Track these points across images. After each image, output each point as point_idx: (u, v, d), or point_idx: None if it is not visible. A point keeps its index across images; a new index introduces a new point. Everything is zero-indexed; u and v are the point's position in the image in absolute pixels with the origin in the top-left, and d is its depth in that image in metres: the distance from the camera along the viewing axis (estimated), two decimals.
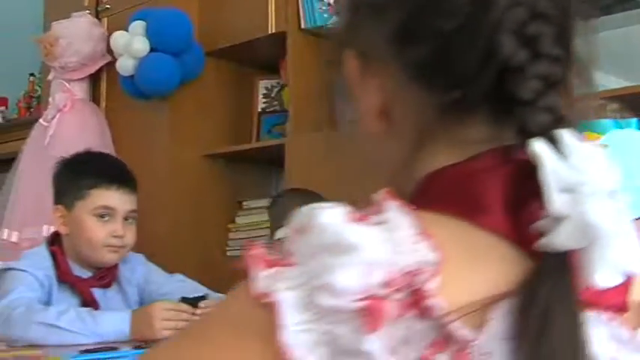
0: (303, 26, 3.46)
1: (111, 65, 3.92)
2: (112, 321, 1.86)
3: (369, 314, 0.54)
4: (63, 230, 2.19)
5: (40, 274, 2.08)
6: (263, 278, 0.58)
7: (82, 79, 3.93)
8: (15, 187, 3.91)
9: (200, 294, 2.07)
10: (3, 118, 4.91)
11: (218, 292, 2.25)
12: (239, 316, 0.59)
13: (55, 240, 2.23)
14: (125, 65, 3.47)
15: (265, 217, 3.66)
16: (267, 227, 3.64)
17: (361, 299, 0.55)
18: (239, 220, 3.78)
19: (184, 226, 3.56)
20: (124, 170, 2.25)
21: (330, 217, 0.59)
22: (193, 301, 1.94)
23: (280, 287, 0.57)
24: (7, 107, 4.96)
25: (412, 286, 0.56)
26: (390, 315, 0.55)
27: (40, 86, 4.76)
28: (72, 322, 1.84)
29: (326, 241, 0.57)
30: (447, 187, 0.64)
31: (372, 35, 0.70)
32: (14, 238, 3.81)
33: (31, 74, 4.93)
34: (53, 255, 2.17)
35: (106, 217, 2.12)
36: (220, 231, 3.76)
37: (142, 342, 1.80)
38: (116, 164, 2.28)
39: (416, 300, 0.55)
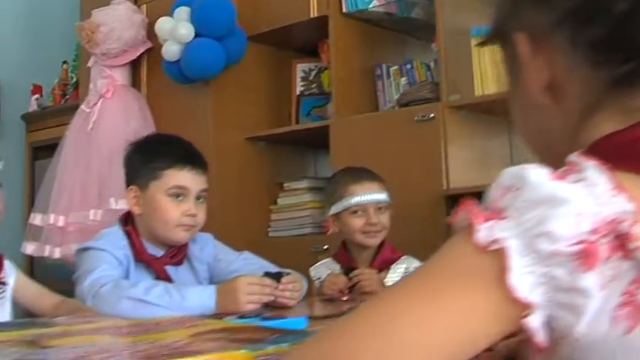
0: (344, 10, 3.52)
1: (151, 51, 4.00)
2: (198, 295, 1.93)
3: (584, 256, 0.62)
4: (136, 210, 2.24)
5: (119, 253, 2.15)
6: (484, 230, 0.65)
7: (123, 65, 4.00)
8: (59, 172, 3.98)
9: (276, 270, 2.14)
10: (38, 105, 4.98)
11: None
12: (462, 265, 0.66)
13: (127, 220, 2.30)
14: (170, 50, 3.53)
15: (306, 197, 3.74)
16: (309, 208, 3.73)
17: (575, 244, 0.62)
18: (280, 202, 3.85)
19: (228, 209, 3.63)
20: (195, 151, 2.31)
21: (539, 175, 0.66)
22: (276, 276, 2.01)
23: (505, 236, 0.64)
24: (41, 95, 5.02)
25: (616, 232, 0.63)
26: (601, 257, 0.62)
27: (74, 73, 4.83)
28: (160, 297, 1.90)
29: (541, 196, 0.65)
30: (621, 150, 0.71)
31: (539, 19, 0.77)
32: (61, 222, 3.88)
33: (64, 62, 4.99)
34: (127, 235, 2.25)
35: (180, 197, 2.19)
36: (262, 212, 3.84)
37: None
38: (187, 146, 2.33)
39: (621, 244, 0.63)
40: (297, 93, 4.03)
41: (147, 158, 2.24)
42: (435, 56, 3.46)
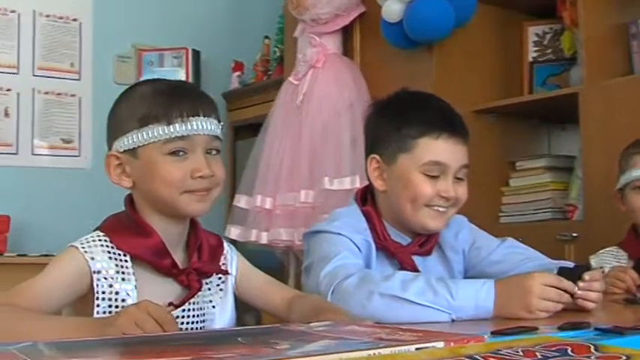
0: None
1: (364, 16, 3.62)
2: (470, 293, 1.48)
3: None
4: (379, 186, 1.82)
5: (358, 238, 1.75)
6: None
7: (333, 32, 3.64)
8: (266, 151, 3.67)
9: (570, 265, 1.67)
10: (240, 83, 4.72)
11: None
12: None
13: (365, 197, 1.90)
14: (391, 10, 3.13)
15: (545, 178, 3.25)
16: (549, 190, 3.23)
17: None
18: (513, 183, 3.37)
19: None
20: (454, 114, 1.87)
21: None
22: (576, 273, 1.53)
23: None
24: (243, 72, 4.76)
25: None
26: None
27: (277, 48, 4.53)
28: (421, 294, 1.49)
29: None
30: None
31: None
32: (267, 205, 3.57)
33: (266, 37, 4.71)
34: (367, 216, 1.85)
35: (436, 174, 1.76)
36: (492, 195, 3.36)
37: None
38: (445, 107, 1.88)
39: None
40: (530, 59, 3.52)
41: (393, 122, 1.81)
42: None
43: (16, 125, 4.23)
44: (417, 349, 0.77)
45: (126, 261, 1.44)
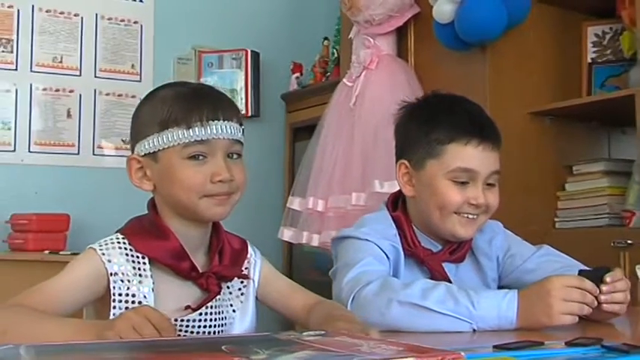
0: None
1: (419, 17, 3.57)
2: (493, 302, 1.43)
3: None
4: (408, 191, 1.79)
5: (385, 244, 1.72)
6: None
7: (387, 33, 3.60)
8: (319, 152, 3.65)
9: (591, 269, 1.61)
10: (298, 84, 4.71)
11: None
12: None
13: (396, 203, 1.86)
14: (443, 10, 3.08)
15: (603, 183, 3.16)
16: (606, 195, 3.14)
17: None
18: (569, 187, 3.28)
19: (508, 194, 3.08)
20: (486, 119, 1.82)
21: None
22: (597, 275, 1.47)
23: None
24: (302, 73, 4.75)
25: None
26: None
27: (335, 49, 4.51)
28: (442, 302, 1.45)
29: None
30: None
31: None
32: (320, 207, 3.55)
33: (325, 38, 4.69)
34: (396, 222, 1.81)
35: (464, 180, 1.72)
36: (548, 200, 3.28)
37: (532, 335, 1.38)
38: (476, 111, 1.82)
39: None
40: (589, 60, 3.43)
41: (422, 127, 1.78)
42: None
43: (77, 126, 4.30)
44: None
45: (144, 263, 1.44)
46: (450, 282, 1.67)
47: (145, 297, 1.42)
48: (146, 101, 1.53)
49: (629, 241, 2.84)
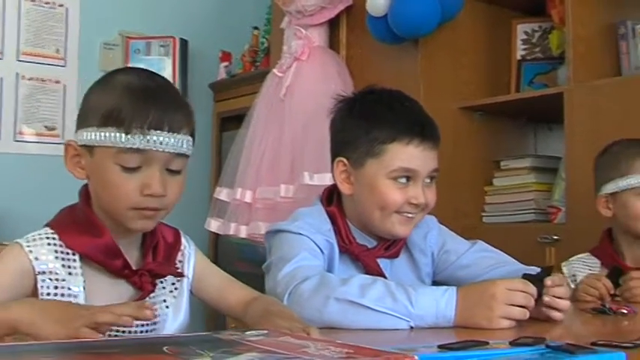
0: None
1: (351, 9, 3.56)
2: (431, 300, 1.42)
3: None
4: (347, 190, 1.76)
5: (319, 239, 1.69)
6: None
7: (319, 24, 3.57)
8: (247, 143, 3.61)
9: (533, 269, 1.60)
10: (227, 73, 4.65)
11: None
12: None
13: (331, 198, 1.82)
14: (377, 4, 3.07)
15: (529, 178, 3.20)
16: (533, 190, 3.18)
17: None
18: (497, 183, 3.31)
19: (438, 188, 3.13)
20: (426, 117, 1.77)
21: None
22: (539, 278, 1.47)
23: None
24: (230, 62, 4.70)
25: None
26: None
27: (265, 38, 4.47)
28: (380, 300, 1.42)
29: None
30: None
31: None
32: (248, 198, 3.51)
33: (255, 27, 4.65)
34: (331, 218, 1.77)
35: (405, 180, 1.72)
36: (476, 194, 3.31)
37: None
38: (416, 109, 1.78)
39: None
40: (518, 57, 3.47)
41: (361, 124, 1.75)
42: None
43: None
44: None
45: (75, 260, 1.37)
46: (385, 278, 1.66)
47: (75, 296, 1.35)
48: (99, 85, 1.41)
49: (554, 237, 2.88)
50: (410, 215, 1.72)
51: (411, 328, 1.42)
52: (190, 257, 1.53)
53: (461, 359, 0.98)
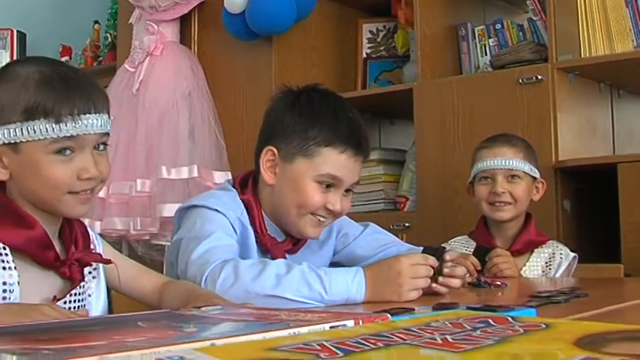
0: None
1: (203, 5, 3.61)
2: (343, 286, 1.49)
3: None
4: (269, 179, 1.75)
5: (233, 216, 1.70)
6: None
7: (172, 20, 3.60)
8: None
9: (418, 249, 1.74)
10: None
11: None
12: None
13: (244, 185, 1.81)
14: (235, 1, 3.13)
15: (378, 170, 3.37)
16: (382, 182, 3.36)
17: None
18: None
19: None
20: (362, 130, 1.78)
21: None
22: (438, 253, 1.60)
23: None
24: (71, 57, 4.61)
25: None
26: None
27: (109, 33, 4.43)
28: (297, 290, 1.47)
29: None
30: None
31: None
32: (101, 193, 3.48)
33: (96, 22, 4.60)
34: (246, 206, 1.77)
35: (327, 186, 1.72)
36: None
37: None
38: (355, 121, 1.77)
39: None
40: (364, 55, 3.64)
41: (300, 121, 1.74)
42: (530, 15, 3.12)
43: None
44: (330, 327, 0.81)
45: (6, 254, 1.35)
46: None
47: (11, 291, 1.34)
48: (3, 80, 1.36)
49: (406, 224, 3.07)
50: (322, 219, 1.76)
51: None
52: (99, 246, 1.55)
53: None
